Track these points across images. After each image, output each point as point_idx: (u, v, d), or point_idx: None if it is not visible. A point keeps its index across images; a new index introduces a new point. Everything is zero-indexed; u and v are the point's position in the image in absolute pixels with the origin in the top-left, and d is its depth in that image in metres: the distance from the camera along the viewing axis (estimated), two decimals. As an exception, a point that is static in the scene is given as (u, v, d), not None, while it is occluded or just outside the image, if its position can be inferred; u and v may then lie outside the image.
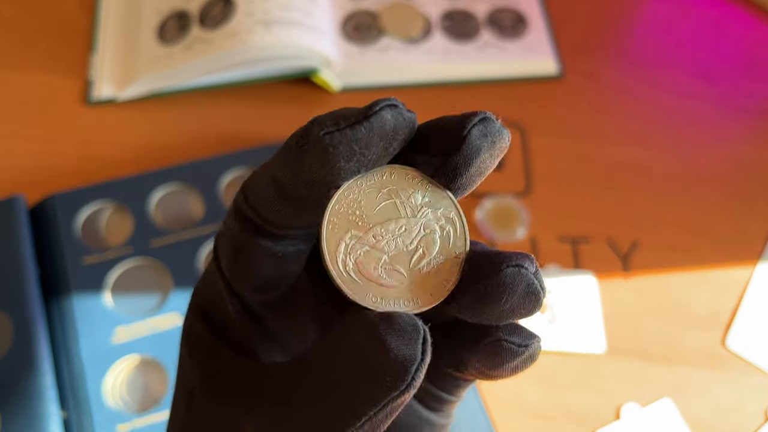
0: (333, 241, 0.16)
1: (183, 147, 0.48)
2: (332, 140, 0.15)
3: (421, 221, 0.17)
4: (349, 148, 0.15)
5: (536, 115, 0.51)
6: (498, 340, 0.17)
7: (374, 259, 0.16)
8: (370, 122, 0.15)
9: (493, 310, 0.16)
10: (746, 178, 0.49)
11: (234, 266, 0.19)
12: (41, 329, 0.38)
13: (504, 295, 0.15)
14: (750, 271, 0.46)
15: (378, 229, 0.16)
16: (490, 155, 0.16)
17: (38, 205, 0.43)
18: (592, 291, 0.44)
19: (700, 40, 0.56)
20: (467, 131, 0.16)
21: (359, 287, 0.16)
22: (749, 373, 0.42)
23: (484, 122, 0.16)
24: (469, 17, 0.56)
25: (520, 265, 0.16)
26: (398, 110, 0.15)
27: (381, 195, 0.16)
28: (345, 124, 0.15)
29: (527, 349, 0.17)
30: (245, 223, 0.18)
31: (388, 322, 0.15)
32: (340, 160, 0.15)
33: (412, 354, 0.14)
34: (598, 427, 0.40)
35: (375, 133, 0.15)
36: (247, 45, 0.47)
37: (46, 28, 0.53)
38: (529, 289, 0.16)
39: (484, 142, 0.16)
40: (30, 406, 0.36)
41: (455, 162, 0.16)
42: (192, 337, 0.20)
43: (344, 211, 0.16)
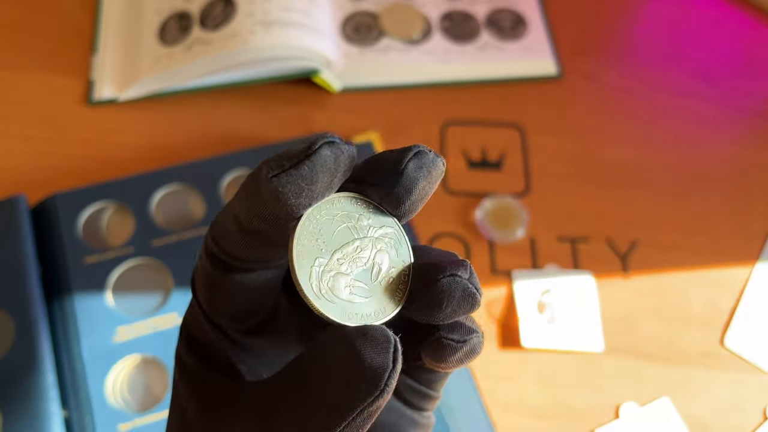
0: (304, 272, 0.18)
1: (184, 147, 0.48)
2: (280, 181, 0.16)
3: (371, 240, 0.19)
4: (297, 186, 0.16)
5: (535, 115, 0.52)
6: (439, 338, 0.19)
7: (342, 281, 0.18)
8: (312, 160, 0.16)
9: (436, 314, 0.18)
10: (745, 178, 0.50)
11: (210, 301, 0.20)
12: (43, 329, 0.38)
13: (443, 302, 0.18)
14: (749, 270, 0.46)
15: (339, 253, 0.18)
16: (427, 182, 0.19)
17: (39, 204, 0.44)
18: (591, 291, 0.44)
19: (699, 41, 0.56)
20: (404, 166, 0.18)
21: (335, 308, 0.18)
22: (748, 372, 0.42)
23: (419, 156, 0.18)
24: (468, 18, 0.56)
25: (454, 274, 0.18)
26: (336, 146, 0.17)
27: (335, 221, 0.18)
28: (289, 165, 0.16)
29: (465, 345, 0.19)
30: (214, 260, 0.19)
31: (362, 334, 0.17)
32: (290, 197, 0.17)
33: (384, 362, 0.16)
34: (598, 426, 0.40)
35: (318, 169, 0.16)
36: (247, 45, 0.48)
37: (48, 28, 0.53)
38: (465, 293, 0.18)
39: (420, 173, 0.18)
40: (31, 405, 0.36)
41: (397, 193, 0.18)
42: (182, 362, 0.22)
43: (307, 243, 0.18)
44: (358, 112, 0.51)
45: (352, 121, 0.50)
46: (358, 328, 0.17)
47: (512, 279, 0.44)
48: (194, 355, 0.21)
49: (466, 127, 0.51)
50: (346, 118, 0.51)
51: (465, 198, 0.47)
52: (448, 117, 0.51)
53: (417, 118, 0.51)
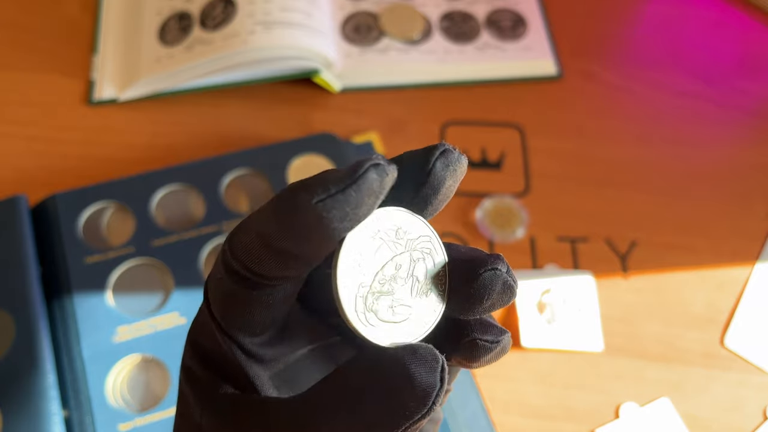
0: (349, 300, 0.18)
1: (184, 147, 0.48)
2: (325, 206, 0.16)
3: (407, 253, 0.19)
4: (342, 212, 0.16)
5: (535, 115, 0.52)
6: (473, 339, 0.19)
7: (385, 303, 0.18)
8: (358, 185, 0.16)
9: (477, 308, 0.19)
10: (744, 178, 0.50)
11: (225, 314, 0.20)
12: (43, 328, 0.38)
13: (485, 296, 0.18)
14: (748, 270, 0.46)
15: (380, 274, 0.18)
16: (453, 181, 0.19)
17: (40, 204, 0.44)
18: (590, 290, 0.44)
19: (698, 41, 0.56)
20: (431, 165, 0.18)
21: (379, 331, 0.18)
22: (748, 372, 0.42)
23: (445, 154, 0.18)
24: (468, 18, 0.56)
25: (494, 267, 0.18)
26: (382, 168, 0.16)
27: (374, 241, 0.18)
28: (335, 190, 0.16)
29: (499, 344, 0.19)
30: (235, 276, 0.19)
31: (412, 354, 0.17)
32: (334, 222, 0.16)
33: (433, 381, 0.16)
34: (598, 426, 0.40)
35: (364, 193, 0.16)
36: (247, 46, 0.48)
37: (48, 28, 0.53)
38: (504, 286, 0.18)
39: (447, 171, 0.18)
40: (32, 405, 0.36)
41: (425, 193, 0.18)
42: (191, 374, 0.21)
43: (350, 267, 0.18)
44: (358, 112, 0.51)
45: (352, 121, 0.50)
46: (408, 347, 0.17)
47: (512, 279, 0.44)
48: (205, 367, 0.21)
49: (465, 127, 0.51)
50: (346, 118, 0.51)
51: (465, 198, 0.47)
52: (448, 117, 0.51)
53: (417, 118, 0.51)
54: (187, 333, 0.22)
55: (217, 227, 0.43)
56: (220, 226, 0.43)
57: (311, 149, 0.46)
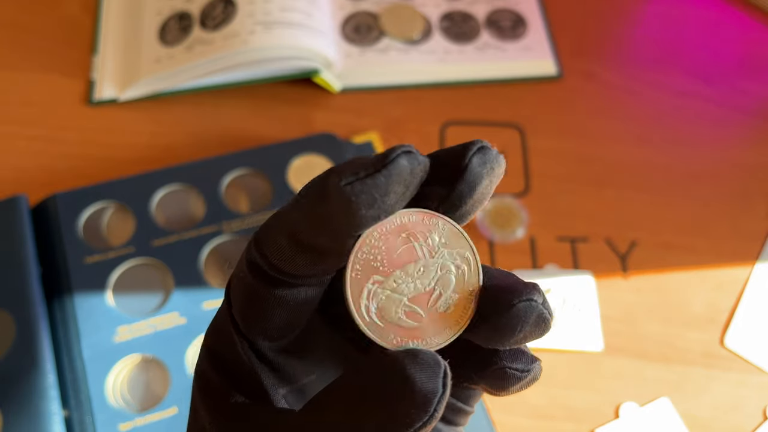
0: (356, 289, 0.17)
1: (184, 147, 0.48)
2: (353, 189, 0.15)
3: (438, 262, 0.18)
4: (370, 196, 0.15)
5: (535, 115, 0.52)
6: (503, 368, 0.18)
7: (394, 303, 0.17)
8: (389, 170, 0.15)
9: (507, 339, 0.17)
10: (745, 178, 0.50)
11: (246, 314, 0.19)
12: (43, 328, 0.38)
13: (517, 327, 0.17)
14: (748, 270, 0.46)
15: (398, 273, 0.17)
16: (490, 181, 0.18)
17: (40, 204, 0.44)
18: (590, 290, 0.44)
19: (698, 41, 0.56)
20: (468, 160, 0.17)
21: (382, 330, 0.17)
22: (748, 372, 0.42)
23: (483, 151, 0.17)
24: (468, 18, 0.56)
25: (530, 298, 0.17)
26: (413, 156, 0.16)
27: (400, 239, 0.17)
28: (365, 174, 0.15)
29: (529, 374, 0.18)
30: (259, 274, 0.18)
31: (413, 358, 0.16)
32: (362, 208, 0.15)
33: (434, 387, 0.15)
34: (597, 426, 0.40)
35: (393, 179, 0.16)
36: (247, 46, 0.48)
37: (48, 28, 0.53)
38: (539, 319, 0.17)
39: (484, 169, 0.17)
40: (32, 404, 0.36)
41: (460, 190, 0.17)
42: (203, 380, 0.20)
43: (366, 258, 0.17)
44: (358, 112, 0.51)
45: (352, 121, 0.50)
46: (408, 351, 0.16)
47: (512, 279, 0.44)
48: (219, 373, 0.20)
49: (465, 127, 0.51)
50: (346, 118, 0.51)
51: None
52: (448, 117, 0.51)
53: (417, 118, 0.51)
54: (204, 337, 0.21)
55: (217, 227, 0.43)
56: (220, 226, 0.43)
57: (311, 149, 0.46)
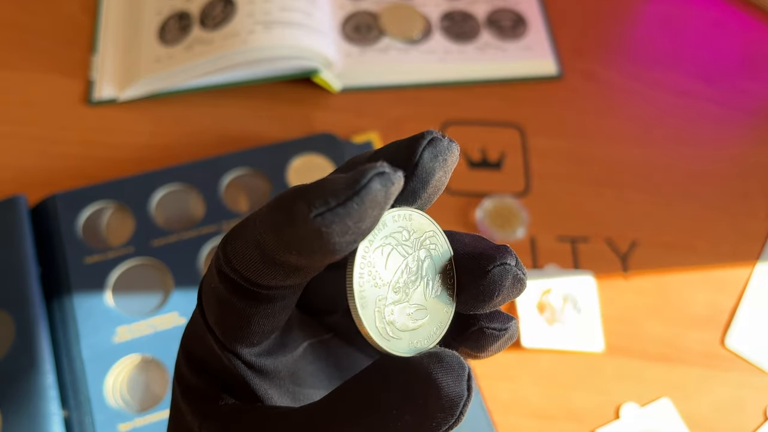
0: (369, 318, 0.17)
1: (184, 147, 0.48)
2: (324, 221, 0.14)
3: (416, 253, 0.18)
4: (343, 226, 0.15)
5: (535, 115, 0.52)
6: (480, 328, 0.18)
7: (403, 312, 0.17)
8: (361, 197, 0.14)
9: (487, 304, 0.18)
10: (745, 178, 0.50)
11: (223, 326, 0.18)
12: (42, 329, 0.38)
13: (495, 291, 0.18)
14: (749, 270, 0.46)
15: (394, 283, 0.17)
16: (444, 173, 0.17)
17: (39, 204, 0.43)
18: (591, 290, 0.44)
19: (699, 41, 0.56)
20: (418, 156, 0.16)
21: (401, 343, 0.17)
22: (748, 373, 0.42)
23: (433, 143, 0.17)
24: (468, 18, 0.56)
25: (504, 262, 0.17)
26: (386, 176, 0.15)
27: (384, 249, 0.17)
28: (335, 203, 0.14)
29: (506, 332, 0.19)
30: (230, 285, 0.17)
31: (438, 362, 0.16)
32: (334, 236, 0.15)
33: (460, 391, 0.15)
34: (598, 426, 0.40)
35: (367, 206, 0.15)
36: (247, 45, 0.48)
37: (48, 28, 0.53)
38: (515, 280, 0.18)
39: (436, 162, 0.17)
40: (31, 405, 0.36)
41: (412, 187, 0.17)
42: (186, 383, 0.20)
43: (366, 283, 0.17)
44: (358, 112, 0.51)
45: (352, 121, 0.50)
46: (432, 355, 0.16)
47: (512, 279, 0.44)
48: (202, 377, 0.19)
49: (466, 127, 0.51)
50: (346, 118, 0.50)
51: (465, 198, 0.47)
52: (448, 117, 0.51)
53: (417, 118, 0.51)
54: (181, 339, 0.20)
55: (217, 227, 0.43)
56: (219, 226, 0.43)
57: (311, 149, 0.46)
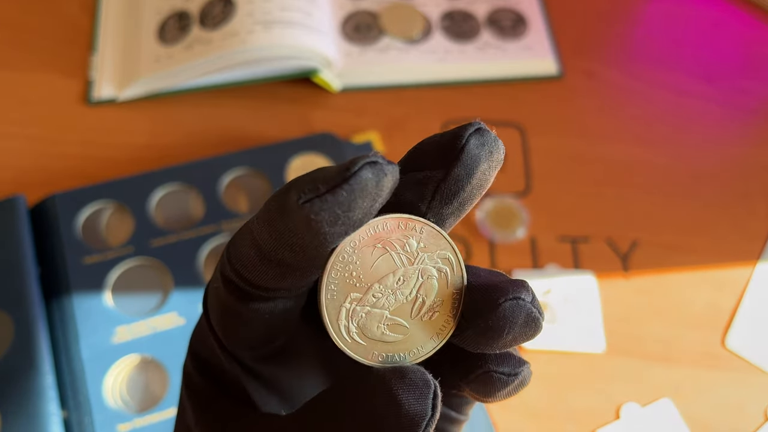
0: (333, 310, 0.16)
1: (183, 147, 0.48)
2: (312, 208, 0.14)
3: (418, 268, 0.16)
4: (332, 214, 0.14)
5: (536, 115, 0.51)
6: (488, 372, 0.17)
7: (376, 319, 0.16)
8: (350, 184, 0.14)
9: (495, 342, 0.16)
10: (746, 178, 0.49)
11: (224, 327, 0.18)
12: (42, 329, 0.38)
13: (505, 328, 0.16)
14: (750, 270, 0.46)
15: (376, 286, 0.16)
16: (488, 166, 0.16)
17: (39, 204, 0.43)
18: (591, 291, 0.44)
19: (699, 40, 0.56)
20: (465, 140, 0.16)
21: (364, 348, 0.16)
22: (749, 373, 0.42)
23: (480, 132, 0.16)
24: (468, 17, 0.56)
25: (517, 297, 0.16)
26: (378, 166, 0.14)
27: (375, 250, 0.16)
28: (324, 189, 0.14)
29: (516, 378, 0.17)
30: (231, 286, 0.17)
31: (400, 378, 0.15)
32: (324, 226, 0.14)
33: (423, 410, 0.15)
34: (598, 426, 0.40)
35: (357, 194, 0.14)
36: (247, 45, 0.48)
37: (47, 28, 0.53)
38: (528, 318, 0.16)
39: (482, 151, 0.16)
40: (30, 405, 0.36)
41: (457, 173, 0.16)
42: (190, 380, 0.20)
43: (341, 276, 0.16)
44: (358, 111, 0.51)
45: (352, 120, 0.50)
46: (395, 370, 0.15)
47: (512, 279, 0.44)
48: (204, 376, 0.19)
49: (466, 127, 0.51)
50: (345, 117, 0.50)
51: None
52: (448, 117, 0.51)
53: (417, 118, 0.51)
54: (189, 338, 0.20)
55: (217, 227, 0.43)
56: (219, 226, 0.43)
57: (311, 149, 0.46)
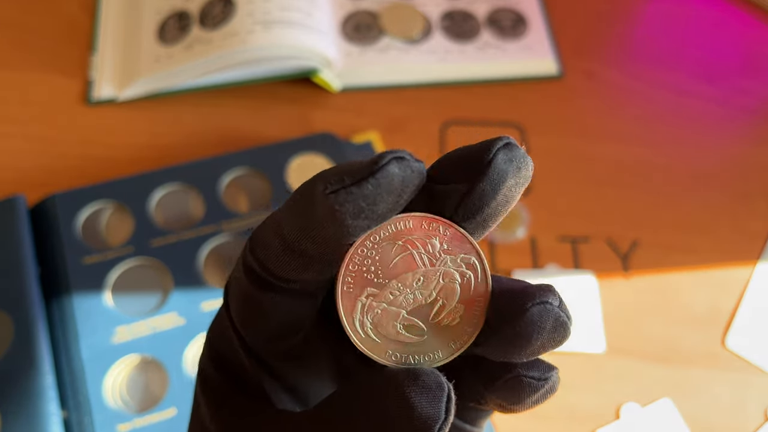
0: (349, 302, 0.16)
1: (183, 147, 0.48)
2: (338, 198, 0.14)
3: (440, 270, 0.16)
4: (357, 206, 0.14)
5: (536, 114, 0.51)
6: (517, 376, 0.17)
7: (392, 316, 0.16)
8: (377, 178, 0.14)
9: (523, 349, 0.16)
10: (746, 178, 0.49)
11: (243, 317, 0.18)
12: (41, 329, 0.38)
13: (533, 334, 0.15)
14: (750, 270, 0.46)
15: (395, 284, 0.16)
16: (515, 182, 0.16)
17: (38, 204, 0.43)
18: (592, 291, 0.44)
19: (700, 40, 0.56)
20: (492, 155, 0.15)
21: (378, 346, 0.16)
22: (749, 373, 0.42)
23: (509, 147, 0.16)
24: (469, 17, 0.56)
25: (545, 301, 0.15)
26: (405, 162, 0.15)
27: (396, 247, 0.16)
28: (350, 181, 0.14)
29: (547, 382, 0.17)
30: (252, 276, 0.17)
31: (413, 379, 0.15)
32: (348, 218, 0.14)
33: (435, 413, 0.14)
34: (598, 426, 0.40)
35: (383, 188, 0.14)
36: (247, 45, 0.48)
37: (47, 28, 0.53)
38: (557, 323, 0.16)
39: (510, 167, 0.15)
40: (30, 405, 0.36)
41: (482, 188, 0.15)
42: (205, 376, 0.20)
43: (359, 269, 0.16)
44: (358, 111, 0.51)
45: (352, 120, 0.50)
46: (409, 371, 0.15)
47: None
48: (220, 371, 0.19)
49: (466, 127, 0.51)
50: (345, 117, 0.50)
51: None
52: (448, 117, 0.51)
53: (417, 118, 0.51)
54: (207, 333, 0.20)
55: (217, 227, 0.43)
56: (219, 226, 0.43)
57: (311, 149, 0.46)
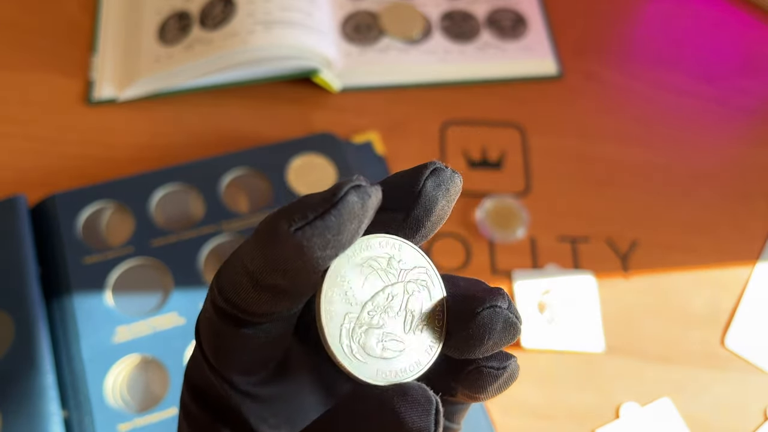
0: (335, 330, 0.17)
1: (183, 147, 0.48)
2: (304, 234, 0.15)
3: (401, 284, 0.18)
4: (323, 239, 0.15)
5: (536, 115, 0.51)
6: (478, 367, 0.18)
7: (374, 336, 0.17)
8: (338, 209, 0.15)
9: (477, 349, 0.17)
10: (745, 178, 0.50)
11: (216, 354, 0.19)
12: (42, 329, 0.38)
13: (485, 335, 0.17)
14: (749, 270, 0.46)
15: (369, 304, 0.17)
16: (446, 202, 0.18)
17: (39, 204, 0.43)
18: (591, 290, 0.44)
19: (699, 40, 0.56)
20: (422, 185, 0.17)
21: (367, 367, 0.17)
22: (748, 373, 0.42)
23: (436, 173, 0.17)
24: (468, 17, 0.56)
25: (494, 305, 0.17)
26: (363, 190, 0.15)
27: (363, 269, 0.17)
28: (313, 216, 0.15)
29: (506, 371, 0.18)
30: (222, 314, 0.18)
31: (402, 396, 0.16)
32: (316, 250, 0.15)
33: (426, 426, 0.15)
34: (598, 426, 0.40)
35: (345, 218, 0.15)
36: (247, 45, 0.48)
37: (47, 28, 0.53)
38: (506, 324, 0.17)
39: (439, 192, 0.17)
40: (31, 405, 0.36)
41: (416, 215, 0.17)
42: (187, 411, 0.20)
43: (336, 296, 0.17)
44: (358, 111, 0.51)
45: (352, 120, 0.50)
46: (397, 388, 0.16)
47: (512, 279, 0.44)
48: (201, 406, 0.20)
49: (466, 127, 0.51)
50: (345, 117, 0.50)
51: (465, 198, 0.47)
52: (448, 117, 0.51)
53: (417, 118, 0.51)
54: (185, 370, 0.21)
55: (217, 227, 0.43)
56: (219, 226, 0.43)
57: (311, 149, 0.46)
